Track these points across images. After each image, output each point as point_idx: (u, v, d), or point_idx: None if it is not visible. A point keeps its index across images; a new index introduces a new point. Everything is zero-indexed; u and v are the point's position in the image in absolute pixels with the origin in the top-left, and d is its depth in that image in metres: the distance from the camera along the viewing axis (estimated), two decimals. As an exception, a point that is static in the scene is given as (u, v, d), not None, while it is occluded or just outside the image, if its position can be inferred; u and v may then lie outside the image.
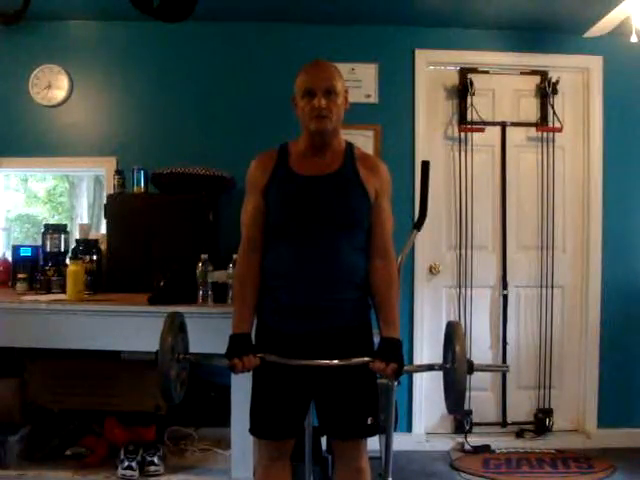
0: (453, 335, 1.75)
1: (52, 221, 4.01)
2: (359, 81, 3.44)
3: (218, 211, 3.21)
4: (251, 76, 3.44)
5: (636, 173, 3.55)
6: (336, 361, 1.78)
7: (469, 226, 3.55)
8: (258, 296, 1.91)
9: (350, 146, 1.97)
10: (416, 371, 1.94)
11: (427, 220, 2.67)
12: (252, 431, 1.97)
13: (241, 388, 2.58)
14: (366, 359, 1.80)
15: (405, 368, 1.82)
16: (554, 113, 3.53)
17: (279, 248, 1.89)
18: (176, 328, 1.78)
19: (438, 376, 3.66)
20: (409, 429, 3.50)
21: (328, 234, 1.84)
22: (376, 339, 1.91)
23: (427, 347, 3.49)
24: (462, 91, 3.51)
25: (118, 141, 3.45)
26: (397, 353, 1.81)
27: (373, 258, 1.91)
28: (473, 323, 3.54)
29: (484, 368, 2.38)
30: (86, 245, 3.03)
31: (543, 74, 3.55)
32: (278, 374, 1.85)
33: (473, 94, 3.49)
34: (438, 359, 1.91)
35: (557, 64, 3.53)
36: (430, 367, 1.87)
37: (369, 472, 1.98)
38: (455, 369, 1.69)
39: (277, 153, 1.94)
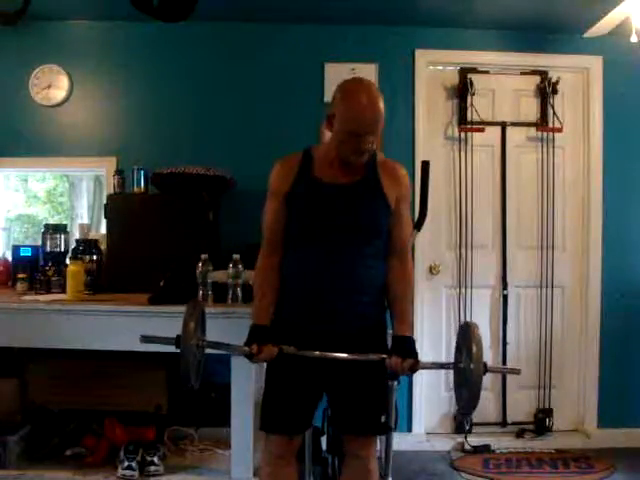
0: (470, 335, 1.76)
1: (52, 221, 4.00)
2: (359, 81, 3.43)
3: (218, 211, 3.21)
4: (251, 76, 3.44)
5: (636, 173, 3.55)
6: (354, 355, 1.82)
7: (469, 226, 3.55)
8: (278, 296, 1.95)
9: (372, 154, 1.97)
10: (430, 368, 1.97)
11: (427, 220, 2.68)
12: (263, 427, 1.98)
13: (241, 388, 2.58)
14: (382, 355, 1.83)
15: (420, 364, 1.84)
16: (554, 113, 3.53)
17: (300, 253, 1.93)
18: (198, 314, 1.81)
19: (438, 376, 3.69)
20: (409, 429, 3.50)
21: (349, 241, 1.88)
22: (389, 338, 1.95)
23: (427, 347, 3.49)
24: (462, 91, 3.51)
25: (118, 141, 3.45)
26: (412, 349, 1.86)
27: (390, 259, 1.96)
28: (473, 323, 3.54)
29: (497, 369, 2.38)
30: (86, 245, 3.03)
31: (543, 74, 3.55)
32: (293, 368, 1.89)
33: (473, 94, 3.49)
34: (438, 359, 1.92)
35: (557, 64, 3.53)
36: (443, 365, 1.91)
37: (377, 474, 2.02)
38: (472, 369, 1.70)
39: (300, 159, 1.96)
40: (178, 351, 1.74)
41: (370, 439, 1.98)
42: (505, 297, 3.58)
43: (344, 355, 1.82)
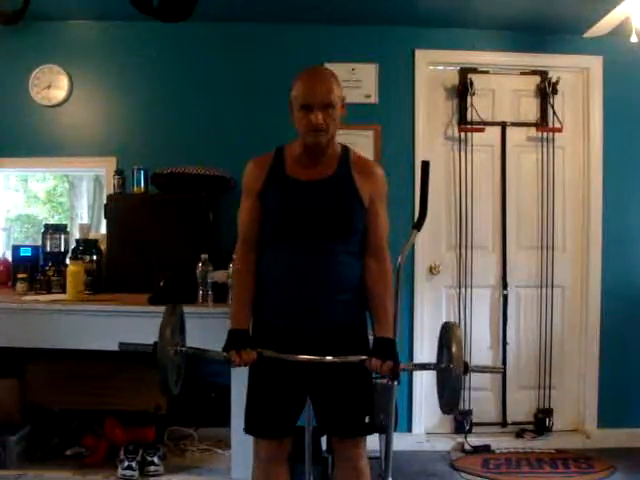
0: (450, 336, 1.76)
1: (52, 221, 4.00)
2: (359, 81, 3.44)
3: (218, 211, 3.21)
4: (251, 76, 3.44)
5: (636, 173, 3.55)
6: (333, 358, 1.80)
7: (469, 226, 3.55)
8: (255, 295, 1.94)
9: (346, 150, 1.98)
10: (411, 369, 1.97)
11: (427, 220, 2.67)
12: (248, 430, 1.97)
13: (241, 388, 2.58)
14: (362, 357, 1.82)
15: (400, 366, 1.84)
16: (554, 113, 3.53)
17: (275, 251, 1.92)
18: (175, 320, 1.79)
19: (438, 376, 3.64)
20: (409, 429, 3.50)
21: (322, 238, 1.87)
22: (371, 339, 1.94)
23: (427, 347, 3.49)
24: (462, 91, 3.51)
25: (118, 141, 3.45)
26: (392, 351, 1.84)
27: (367, 259, 1.93)
28: (473, 323, 3.54)
29: (479, 369, 2.39)
30: (86, 245, 3.03)
31: (543, 74, 3.55)
32: (274, 371, 1.88)
33: (473, 94, 3.49)
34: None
35: (557, 64, 3.53)
36: (424, 366, 1.90)
37: (368, 473, 1.99)
38: (451, 369, 1.70)
39: (273, 157, 1.96)
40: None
41: (356, 440, 1.95)
42: (505, 297, 3.58)
43: (324, 358, 1.80)
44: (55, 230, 3.15)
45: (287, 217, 1.88)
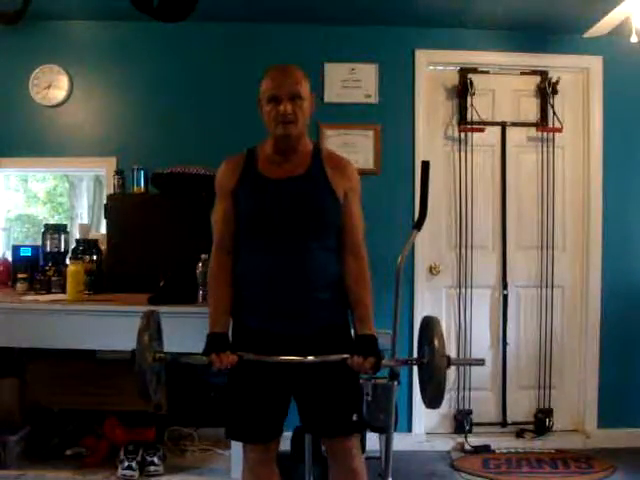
0: (432, 330, 1.75)
1: (52, 221, 4.00)
2: (359, 81, 3.44)
3: (218, 211, 3.21)
4: (251, 76, 3.41)
5: (636, 173, 3.55)
6: (314, 358, 1.78)
7: (469, 226, 3.55)
8: (233, 297, 1.91)
9: (317, 147, 1.98)
10: (394, 365, 1.97)
11: (427, 220, 2.67)
12: (232, 435, 1.97)
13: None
14: (344, 355, 1.79)
15: (383, 362, 1.82)
16: (554, 113, 3.53)
17: (250, 251, 1.90)
18: (153, 326, 1.78)
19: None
20: (409, 429, 3.50)
21: (298, 236, 1.85)
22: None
23: (427, 347, 3.49)
24: (462, 91, 3.51)
25: (118, 141, 3.45)
26: (374, 348, 1.82)
27: (345, 257, 1.92)
28: (473, 323, 3.54)
29: (460, 362, 2.38)
30: (86, 245, 3.04)
31: (543, 74, 3.55)
32: (256, 374, 1.86)
33: (473, 94, 3.49)
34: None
35: (557, 64, 3.53)
36: (407, 362, 1.89)
37: (364, 473, 1.96)
38: (434, 363, 1.69)
39: (245, 156, 1.96)
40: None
41: (346, 439, 1.92)
42: (505, 297, 3.57)
43: (305, 358, 1.78)
44: (55, 230, 3.15)
45: (260, 216, 1.86)
